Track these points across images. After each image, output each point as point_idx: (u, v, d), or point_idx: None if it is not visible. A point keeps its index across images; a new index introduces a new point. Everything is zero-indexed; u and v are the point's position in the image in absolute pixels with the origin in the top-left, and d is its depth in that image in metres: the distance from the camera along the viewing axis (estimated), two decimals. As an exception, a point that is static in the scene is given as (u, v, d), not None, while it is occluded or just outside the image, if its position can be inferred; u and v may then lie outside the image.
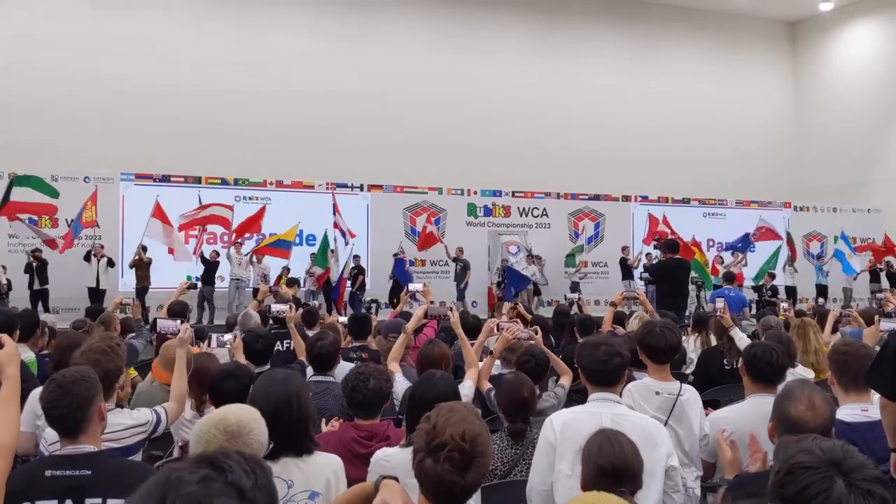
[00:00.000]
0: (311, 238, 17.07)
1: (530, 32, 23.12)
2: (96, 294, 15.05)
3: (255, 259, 16.21)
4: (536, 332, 5.15)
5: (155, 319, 4.87)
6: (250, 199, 17.32)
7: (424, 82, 21.37)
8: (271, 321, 6.81)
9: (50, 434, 3.34)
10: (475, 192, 19.51)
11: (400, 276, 16.78)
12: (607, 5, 24.03)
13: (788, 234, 19.69)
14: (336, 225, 16.25)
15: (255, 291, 15.50)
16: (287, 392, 2.92)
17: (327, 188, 17.95)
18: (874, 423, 3.13)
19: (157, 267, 15.58)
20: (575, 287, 17.21)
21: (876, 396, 3.10)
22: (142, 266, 15.44)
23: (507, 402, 3.70)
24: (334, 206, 16.16)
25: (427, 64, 21.59)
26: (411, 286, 6.15)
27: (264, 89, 19.77)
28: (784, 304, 9.43)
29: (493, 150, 21.31)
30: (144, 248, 15.37)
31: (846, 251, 19.60)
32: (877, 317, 6.39)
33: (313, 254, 16.70)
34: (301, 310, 7.82)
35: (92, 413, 2.81)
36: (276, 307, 6.30)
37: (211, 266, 16.07)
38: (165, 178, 16.81)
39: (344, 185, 18.26)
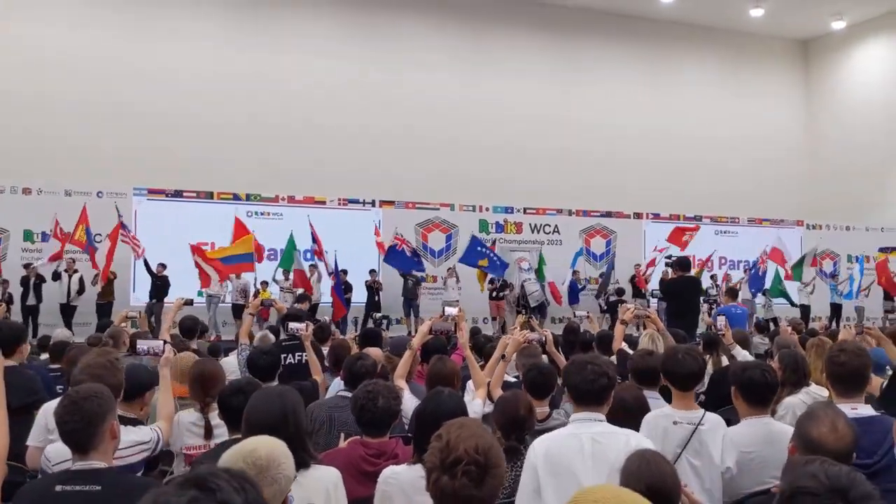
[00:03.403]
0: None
1: (546, 51, 23.17)
2: (67, 311, 14.84)
3: (232, 274, 15.63)
4: (547, 335, 5.13)
5: (134, 340, 4.77)
6: (262, 214, 17.39)
7: (439, 100, 21.40)
8: (283, 338, 6.79)
9: (53, 453, 3.37)
10: (487, 209, 19.52)
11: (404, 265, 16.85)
12: (622, 22, 24.07)
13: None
14: (318, 254, 16.10)
15: (234, 307, 15.42)
16: (282, 408, 2.94)
17: (339, 203, 18.01)
18: (864, 419, 3.30)
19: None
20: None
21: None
22: (106, 281, 15.01)
23: (503, 420, 3.66)
24: (313, 234, 15.96)
25: (442, 81, 21.60)
26: (447, 310, 6.13)
27: (277, 105, 19.85)
28: (783, 323, 9.36)
29: (504, 166, 21.30)
30: None
31: (857, 277, 19.61)
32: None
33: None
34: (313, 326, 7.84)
35: (104, 430, 2.83)
36: (293, 325, 6.26)
37: (158, 280, 15.40)
38: (178, 193, 16.89)
39: (356, 201, 18.31)
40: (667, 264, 16.78)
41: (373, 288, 17.22)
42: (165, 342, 4.61)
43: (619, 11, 23.87)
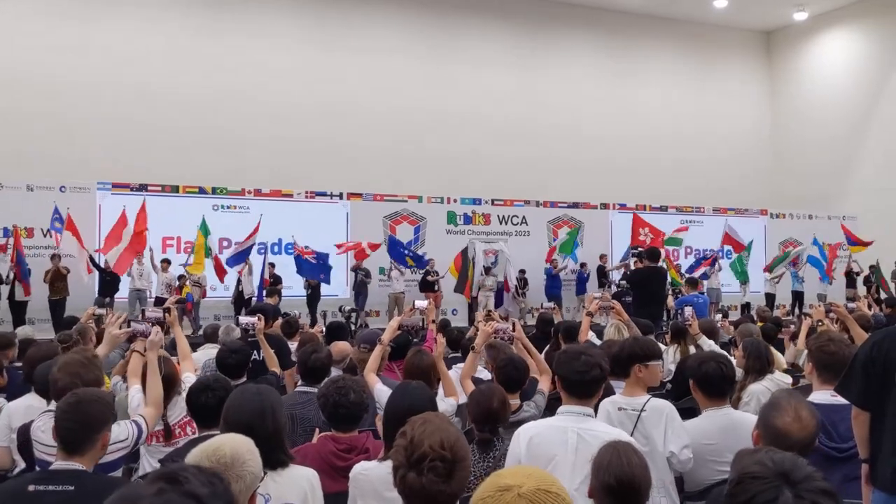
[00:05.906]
0: (289, 247, 16.98)
1: (512, 42, 23.27)
2: (18, 307, 14.37)
3: (159, 268, 15.37)
4: (515, 325, 5.14)
5: (129, 319, 4.65)
6: (228, 207, 17.24)
7: (405, 90, 21.45)
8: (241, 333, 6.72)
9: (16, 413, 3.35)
10: (455, 201, 19.49)
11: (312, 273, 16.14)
12: (587, 15, 24.20)
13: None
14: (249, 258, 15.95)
15: (157, 301, 15.15)
16: (261, 406, 2.92)
17: (306, 196, 17.90)
18: (840, 406, 3.37)
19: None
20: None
21: None
22: (58, 277, 14.49)
23: (477, 412, 3.66)
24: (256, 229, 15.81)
25: (407, 72, 21.67)
26: (417, 303, 6.11)
27: (244, 98, 19.73)
28: (718, 316, 9.54)
29: (471, 157, 21.42)
30: (58, 258, 14.50)
31: (819, 257, 19.93)
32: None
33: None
34: (280, 320, 7.82)
35: (98, 437, 2.85)
36: (243, 319, 6.14)
37: (108, 275, 14.90)
38: (142, 188, 16.63)
39: (323, 194, 18.20)
40: (633, 254, 16.98)
41: (310, 284, 16.63)
42: (167, 309, 4.51)
43: (582, 3, 23.99)
